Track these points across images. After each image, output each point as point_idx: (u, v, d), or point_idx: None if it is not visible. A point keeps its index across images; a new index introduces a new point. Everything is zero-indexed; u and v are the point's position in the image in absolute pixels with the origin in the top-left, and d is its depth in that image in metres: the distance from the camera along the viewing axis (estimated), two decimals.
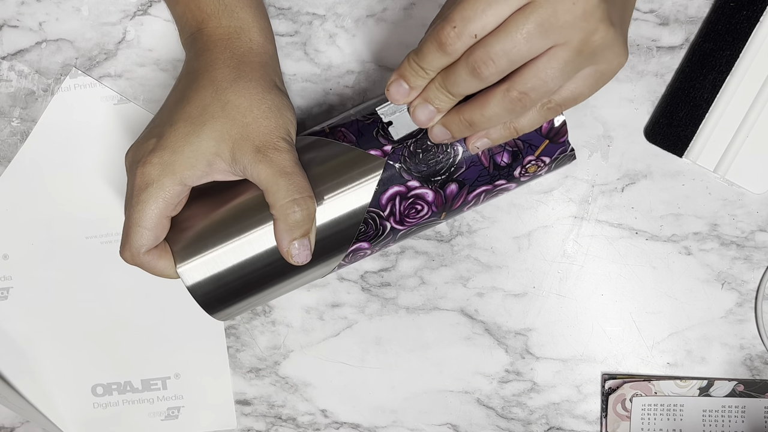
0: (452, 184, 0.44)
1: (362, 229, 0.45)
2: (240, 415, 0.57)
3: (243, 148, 0.42)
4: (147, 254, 0.44)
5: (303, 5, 0.52)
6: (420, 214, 0.45)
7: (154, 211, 0.42)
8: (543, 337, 0.55)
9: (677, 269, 0.54)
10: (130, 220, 0.43)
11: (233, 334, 0.56)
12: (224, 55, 0.44)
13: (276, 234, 0.42)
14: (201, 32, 0.46)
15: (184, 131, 0.42)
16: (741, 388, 0.54)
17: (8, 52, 0.53)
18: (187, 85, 0.44)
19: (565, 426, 0.56)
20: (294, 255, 0.43)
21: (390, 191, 0.44)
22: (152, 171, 0.42)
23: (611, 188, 0.53)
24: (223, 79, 0.43)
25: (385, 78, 0.53)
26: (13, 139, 0.54)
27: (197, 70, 0.45)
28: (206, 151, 0.42)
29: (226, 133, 0.42)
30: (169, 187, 0.42)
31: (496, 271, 0.54)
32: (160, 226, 0.43)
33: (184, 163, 0.42)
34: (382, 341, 0.56)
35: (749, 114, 0.52)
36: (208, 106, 0.43)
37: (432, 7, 0.52)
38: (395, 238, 0.46)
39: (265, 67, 0.45)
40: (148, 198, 0.42)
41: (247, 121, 0.42)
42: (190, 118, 0.42)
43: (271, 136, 0.42)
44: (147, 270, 0.45)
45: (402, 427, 0.57)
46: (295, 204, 0.41)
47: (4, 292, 0.56)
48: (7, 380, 0.57)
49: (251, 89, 0.43)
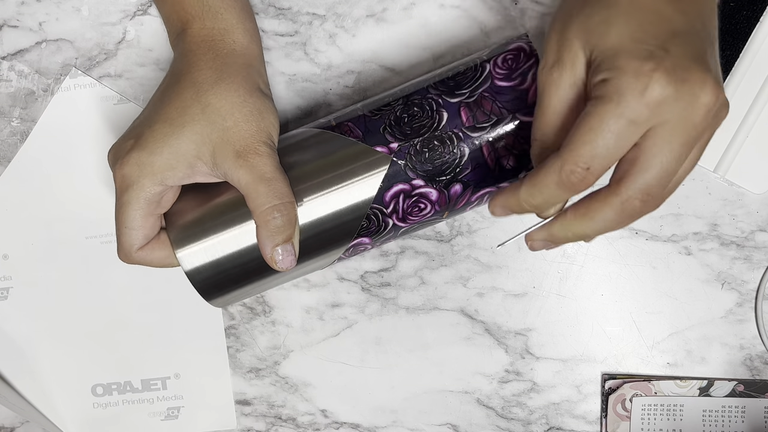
0: (457, 184, 0.44)
1: (364, 225, 0.45)
2: (240, 415, 0.57)
3: (223, 152, 0.42)
4: (141, 251, 0.44)
5: (303, 5, 0.52)
6: (423, 212, 0.45)
7: (137, 211, 0.43)
8: (543, 337, 0.55)
9: (677, 269, 0.54)
10: (116, 221, 0.43)
11: (233, 334, 0.56)
12: (207, 56, 0.44)
13: (258, 241, 0.42)
14: (185, 33, 0.45)
15: (162, 132, 0.42)
16: (741, 388, 0.54)
17: (8, 52, 0.53)
18: (169, 85, 0.44)
19: (565, 426, 0.56)
20: (278, 261, 0.42)
21: (394, 189, 0.44)
22: (131, 172, 0.42)
23: None
24: (205, 81, 0.43)
25: (384, 78, 0.53)
26: (13, 139, 0.54)
27: (180, 71, 0.44)
28: (187, 154, 0.42)
29: (206, 136, 0.42)
30: (149, 188, 0.42)
31: (496, 271, 0.54)
32: (147, 224, 0.43)
33: (164, 164, 0.42)
34: (382, 341, 0.56)
35: (749, 114, 0.52)
36: (188, 107, 0.42)
37: (432, 7, 0.52)
38: (396, 234, 0.46)
39: (248, 69, 0.45)
40: (130, 200, 0.42)
41: (228, 125, 0.42)
42: (169, 119, 0.42)
43: (252, 141, 0.42)
44: (145, 265, 0.45)
45: (402, 427, 0.57)
46: (275, 210, 0.41)
47: (4, 292, 0.56)
48: (7, 380, 0.57)
49: (232, 92, 0.43)
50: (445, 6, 0.52)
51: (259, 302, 0.56)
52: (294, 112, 0.53)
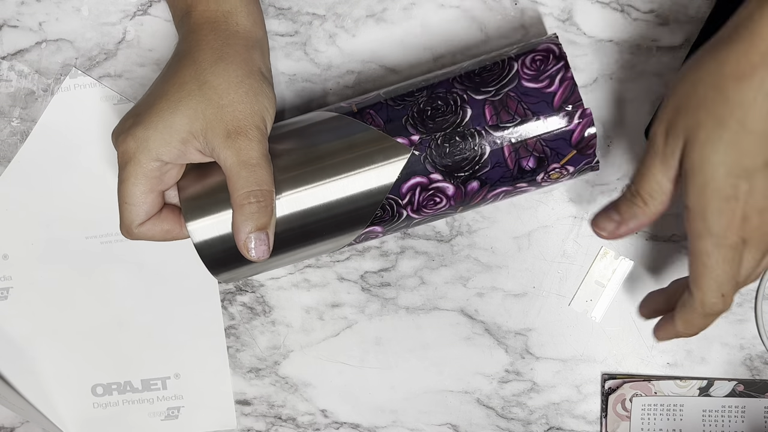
0: (474, 181, 0.44)
1: (378, 214, 0.44)
2: (240, 415, 0.57)
3: (215, 129, 0.42)
4: (142, 226, 0.44)
5: (303, 5, 0.52)
6: (438, 206, 0.45)
7: (137, 187, 0.43)
8: (543, 337, 0.55)
9: (677, 269, 0.54)
10: (118, 197, 0.44)
11: (233, 334, 0.56)
12: (209, 37, 0.44)
13: (233, 226, 0.42)
14: (189, 15, 0.45)
15: (159, 107, 0.42)
16: (741, 388, 0.54)
17: (8, 52, 0.53)
18: (171, 65, 0.45)
19: (565, 426, 0.56)
20: (250, 248, 0.42)
21: (411, 181, 0.44)
22: (129, 147, 0.42)
23: (611, 188, 0.53)
24: (204, 60, 0.43)
25: (385, 78, 0.53)
26: (13, 139, 0.54)
27: (182, 51, 0.45)
28: (180, 128, 0.42)
29: (200, 112, 0.42)
30: (145, 164, 0.42)
31: (496, 271, 0.54)
32: (147, 200, 0.43)
33: (159, 139, 0.42)
34: (382, 341, 0.56)
35: None
36: (186, 84, 0.43)
37: (432, 7, 0.52)
38: (409, 225, 0.46)
39: (249, 51, 0.45)
40: (129, 175, 0.43)
41: (223, 102, 0.42)
42: (166, 96, 0.43)
43: (245, 122, 0.42)
44: (146, 240, 0.45)
45: (402, 427, 0.57)
46: (251, 195, 0.41)
47: (4, 292, 0.56)
48: (7, 380, 0.57)
49: (231, 72, 0.43)
50: (445, 6, 0.52)
51: (259, 302, 0.56)
52: (294, 112, 0.53)
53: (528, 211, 0.54)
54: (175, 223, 0.46)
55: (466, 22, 0.52)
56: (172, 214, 0.46)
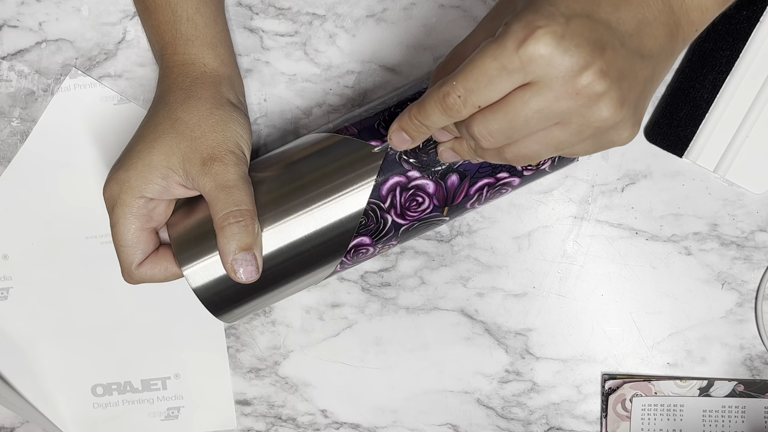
0: (453, 174, 0.44)
1: (363, 222, 0.45)
2: (240, 415, 0.57)
3: (191, 160, 0.43)
4: (141, 267, 0.45)
5: (303, 5, 0.52)
6: (421, 207, 0.45)
7: (128, 228, 0.44)
8: (543, 337, 0.55)
9: (677, 269, 0.54)
10: (113, 243, 0.45)
11: (233, 334, 0.56)
12: (179, 79, 0.46)
13: (218, 249, 0.43)
14: (162, 58, 0.48)
15: (137, 150, 0.44)
16: (741, 388, 0.54)
17: (8, 52, 0.53)
18: (148, 112, 0.47)
19: (565, 426, 0.56)
20: (237, 270, 0.42)
21: (390, 181, 0.44)
22: (113, 191, 0.44)
23: (611, 188, 0.53)
24: (175, 101, 0.45)
25: (384, 78, 0.53)
26: (13, 139, 0.54)
27: (157, 96, 0.47)
28: (158, 165, 0.43)
29: (175, 146, 0.43)
30: (130, 203, 0.44)
31: (496, 271, 0.54)
32: (141, 239, 0.45)
33: (139, 177, 0.43)
34: (382, 341, 0.56)
35: (749, 114, 0.52)
36: (160, 124, 0.44)
37: (432, 7, 0.52)
38: (397, 234, 0.46)
39: (217, 86, 0.46)
40: (118, 218, 0.44)
41: (196, 134, 0.44)
42: (143, 138, 0.45)
43: (218, 149, 0.43)
44: (149, 281, 0.46)
45: (402, 427, 0.57)
46: (231, 216, 0.42)
47: (4, 292, 0.56)
48: (7, 380, 0.57)
49: (200, 106, 0.45)
50: (445, 6, 0.52)
51: None
52: (294, 112, 0.53)
53: (528, 211, 0.54)
54: (174, 261, 0.46)
55: (466, 22, 0.52)
56: (169, 252, 0.46)
